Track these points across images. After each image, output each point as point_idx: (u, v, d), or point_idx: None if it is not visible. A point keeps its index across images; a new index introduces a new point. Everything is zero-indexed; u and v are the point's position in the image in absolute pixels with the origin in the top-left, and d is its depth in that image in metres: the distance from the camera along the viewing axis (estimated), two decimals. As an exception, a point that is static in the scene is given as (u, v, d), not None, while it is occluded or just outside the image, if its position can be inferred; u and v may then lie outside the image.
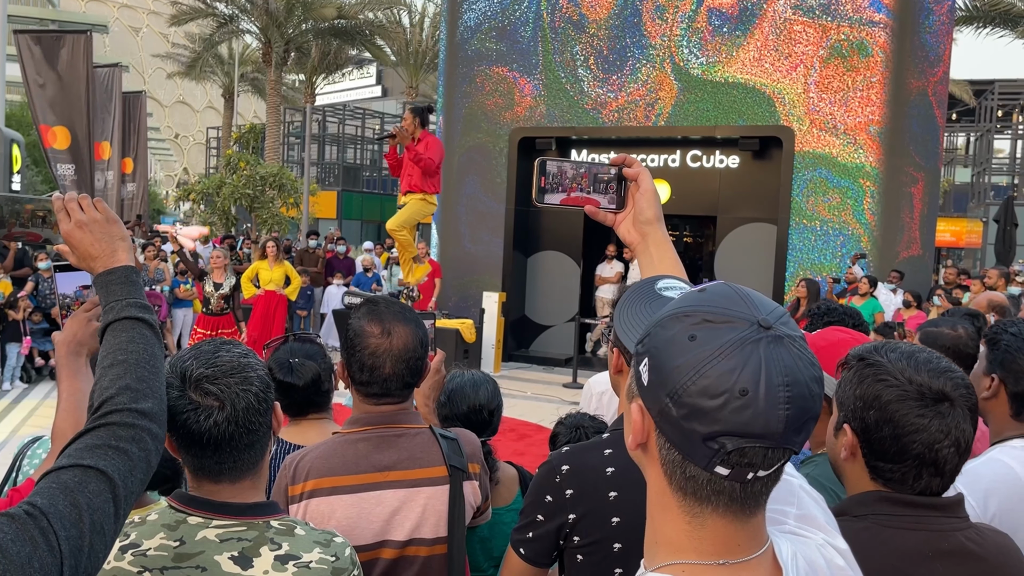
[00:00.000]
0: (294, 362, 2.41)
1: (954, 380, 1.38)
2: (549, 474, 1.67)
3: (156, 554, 1.39)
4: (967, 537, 1.39)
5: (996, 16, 26.04)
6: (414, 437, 1.91)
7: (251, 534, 1.43)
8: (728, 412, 0.80)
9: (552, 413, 3.74)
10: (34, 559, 0.98)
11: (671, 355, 0.84)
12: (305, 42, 32.21)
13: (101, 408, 1.20)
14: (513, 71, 12.68)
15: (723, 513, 0.87)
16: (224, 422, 1.41)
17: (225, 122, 37.72)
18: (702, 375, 0.81)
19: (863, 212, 10.98)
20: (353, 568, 1.50)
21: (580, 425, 2.63)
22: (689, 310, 0.87)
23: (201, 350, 1.48)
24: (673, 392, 0.83)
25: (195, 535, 1.41)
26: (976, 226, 28.14)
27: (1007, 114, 31.07)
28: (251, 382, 1.45)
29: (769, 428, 0.81)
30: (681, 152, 12.34)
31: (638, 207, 1.37)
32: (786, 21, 11.07)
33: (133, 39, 57.36)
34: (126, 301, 1.36)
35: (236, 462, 1.45)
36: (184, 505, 1.45)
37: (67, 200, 1.44)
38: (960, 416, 1.37)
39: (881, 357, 1.42)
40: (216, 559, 1.38)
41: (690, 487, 0.86)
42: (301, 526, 1.49)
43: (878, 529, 1.36)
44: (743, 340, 0.82)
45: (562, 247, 13.11)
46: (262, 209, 18.97)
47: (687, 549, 0.88)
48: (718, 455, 0.82)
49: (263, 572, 1.39)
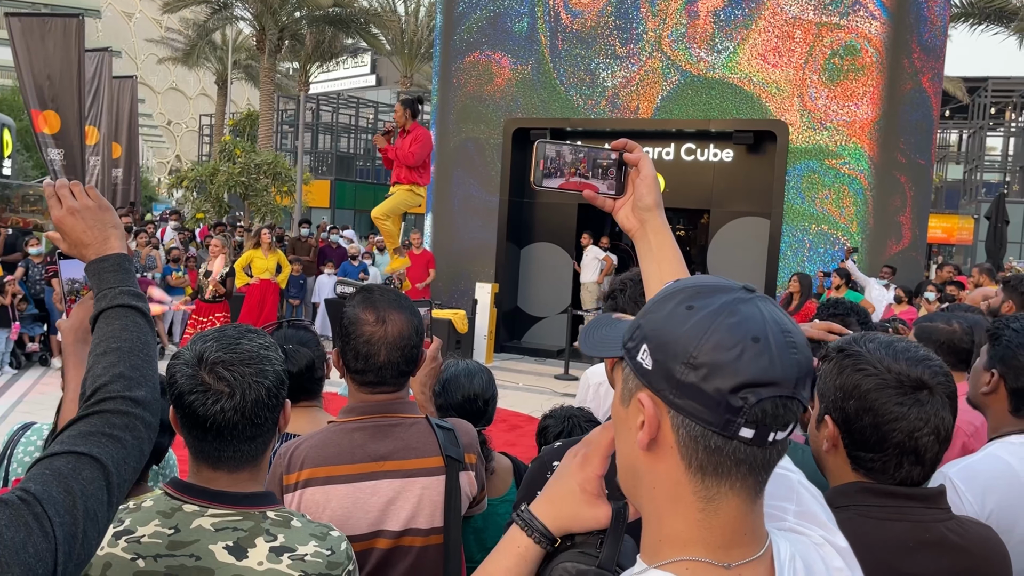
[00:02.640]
0: (288, 348, 2.40)
1: (932, 368, 1.40)
2: (541, 469, 1.68)
3: (150, 541, 1.38)
4: (949, 528, 1.40)
5: (991, 13, 26.11)
6: (410, 427, 1.90)
7: (247, 524, 1.42)
8: (747, 360, 0.82)
9: (544, 404, 3.74)
10: (28, 545, 0.98)
11: (673, 327, 0.86)
12: (300, 30, 32.02)
13: (95, 395, 1.20)
14: (508, 62, 12.64)
15: (739, 491, 0.86)
16: (231, 410, 1.40)
17: (218, 109, 37.49)
18: (712, 331, 0.83)
19: (856, 207, 11.01)
20: (348, 563, 1.48)
21: (571, 416, 2.62)
22: (676, 290, 0.90)
23: (226, 334, 1.47)
24: (687, 357, 0.83)
25: (190, 523, 1.40)
26: (967, 223, 28.26)
27: (1000, 111, 31.18)
28: (266, 375, 1.44)
29: (787, 373, 0.83)
30: (675, 145, 12.34)
31: (638, 193, 1.36)
32: (782, 15, 11.06)
33: (126, 24, 56.94)
34: (119, 289, 1.35)
35: (236, 452, 1.44)
36: (180, 492, 1.44)
37: (58, 186, 1.43)
38: (939, 404, 1.38)
39: (860, 347, 1.43)
40: (210, 548, 1.37)
41: (711, 462, 0.85)
42: (298, 518, 1.48)
43: (860, 520, 1.37)
44: (737, 300, 0.86)
45: (555, 239, 13.10)
46: (256, 197, 18.89)
47: (695, 542, 0.87)
48: (742, 413, 0.82)
49: (257, 563, 1.38)
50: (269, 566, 1.38)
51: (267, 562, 1.38)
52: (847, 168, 10.95)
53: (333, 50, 35.53)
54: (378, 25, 32.21)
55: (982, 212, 21.25)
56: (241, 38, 37.34)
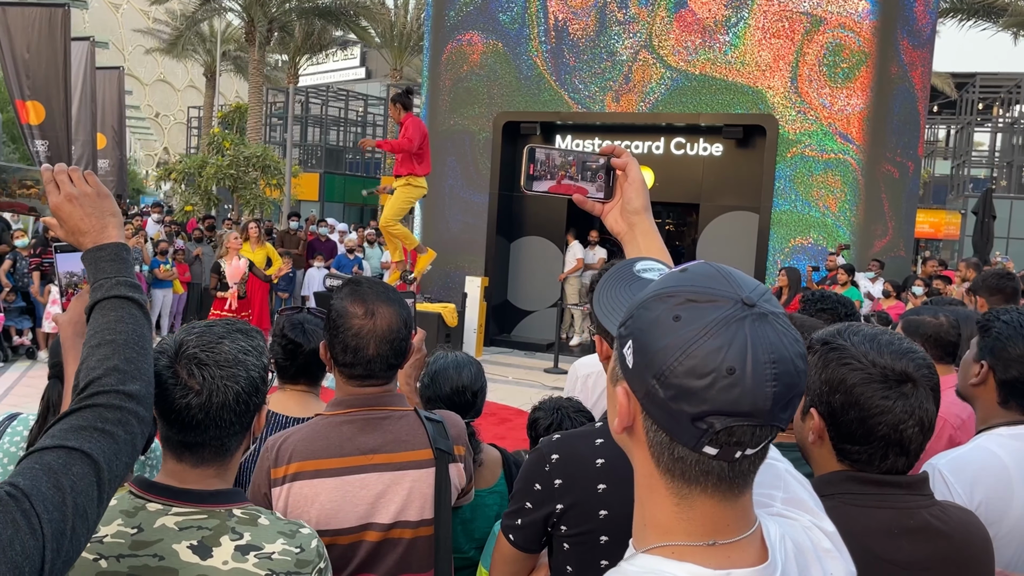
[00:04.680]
0: (307, 326, 2.39)
1: (916, 361, 1.42)
2: (539, 462, 1.66)
3: (113, 541, 1.35)
4: (932, 514, 1.42)
5: (979, 8, 26.20)
6: (399, 420, 1.89)
7: (212, 523, 1.39)
8: (716, 391, 0.80)
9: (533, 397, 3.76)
10: (16, 541, 0.96)
11: (656, 336, 0.84)
12: (289, 22, 31.82)
13: (88, 389, 1.18)
14: (498, 55, 12.60)
15: (711, 494, 0.86)
16: (197, 408, 1.38)
17: (207, 102, 37.27)
18: (688, 355, 0.81)
19: (844, 201, 11.05)
20: (319, 560, 1.45)
21: (560, 407, 2.62)
22: (672, 290, 0.86)
23: (212, 330, 1.44)
24: (659, 373, 0.82)
25: (153, 522, 1.37)
26: (955, 218, 28.40)
27: (988, 107, 31.34)
28: (238, 380, 1.41)
29: (757, 406, 0.80)
30: (665, 139, 12.35)
31: (626, 197, 1.37)
32: (772, 9, 11.07)
33: (113, 15, 56.49)
34: (116, 279, 1.33)
35: (199, 447, 1.42)
36: (144, 491, 1.41)
37: (57, 172, 1.40)
38: (923, 396, 1.40)
39: (844, 341, 1.45)
40: (174, 548, 1.35)
41: (678, 468, 0.86)
42: (266, 515, 1.45)
43: (845, 508, 1.39)
44: (728, 319, 0.82)
45: (545, 233, 13.10)
46: (245, 190, 18.77)
47: (676, 531, 0.88)
48: (706, 435, 0.82)
49: (222, 562, 1.35)
50: (235, 565, 1.35)
51: (232, 561, 1.35)
52: (835, 162, 10.99)
53: (322, 42, 35.34)
54: (367, 17, 32.04)
55: (969, 207, 21.36)
56: (230, 30, 37.09)
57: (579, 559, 1.61)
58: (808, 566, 0.95)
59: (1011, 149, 27.84)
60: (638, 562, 0.89)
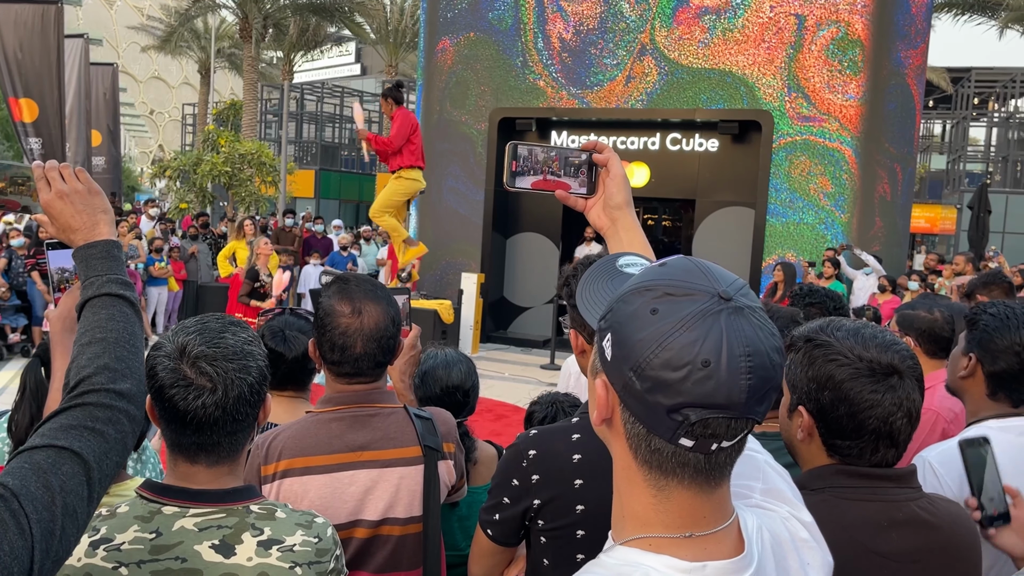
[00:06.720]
0: (288, 333, 2.38)
1: (901, 353, 1.43)
2: (516, 458, 1.67)
3: (131, 547, 1.34)
4: (920, 507, 1.43)
5: (974, 3, 26.22)
6: (388, 417, 1.90)
7: (231, 520, 1.39)
8: (691, 383, 0.81)
9: (529, 394, 3.78)
10: (3, 541, 0.95)
11: (633, 329, 0.85)
12: (283, 18, 31.75)
13: (78, 387, 1.17)
14: (493, 51, 12.58)
15: (688, 485, 0.87)
16: (212, 406, 1.37)
17: (201, 99, 37.17)
18: (664, 348, 0.82)
19: (840, 196, 11.05)
20: (336, 548, 1.47)
21: (556, 401, 2.62)
22: (650, 284, 0.88)
23: (209, 327, 1.43)
24: (636, 366, 0.83)
25: (172, 525, 1.36)
26: (950, 213, 28.42)
27: (983, 102, 31.36)
28: (249, 371, 1.41)
29: (732, 398, 0.81)
30: (661, 135, 12.34)
31: (608, 192, 1.38)
32: (767, 4, 11.06)
33: (107, 12, 56.29)
34: (107, 277, 1.32)
35: (216, 447, 1.41)
36: (157, 495, 1.40)
37: (48, 168, 1.39)
38: (910, 387, 1.42)
39: (828, 336, 1.46)
40: (196, 549, 1.34)
41: (655, 460, 0.87)
42: (281, 508, 1.46)
43: (835, 501, 1.40)
44: (704, 312, 0.83)
45: (541, 229, 13.09)
46: (240, 187, 18.73)
47: (654, 523, 0.89)
48: (682, 427, 0.83)
49: (247, 559, 1.35)
50: (259, 560, 1.36)
51: (256, 557, 1.36)
52: (831, 157, 10.99)
53: (317, 39, 35.28)
54: (362, 14, 31.97)
55: (965, 202, 21.39)
56: (224, 26, 37.00)
57: (556, 553, 1.63)
58: (785, 556, 0.96)
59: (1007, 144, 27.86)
60: (616, 554, 0.90)
